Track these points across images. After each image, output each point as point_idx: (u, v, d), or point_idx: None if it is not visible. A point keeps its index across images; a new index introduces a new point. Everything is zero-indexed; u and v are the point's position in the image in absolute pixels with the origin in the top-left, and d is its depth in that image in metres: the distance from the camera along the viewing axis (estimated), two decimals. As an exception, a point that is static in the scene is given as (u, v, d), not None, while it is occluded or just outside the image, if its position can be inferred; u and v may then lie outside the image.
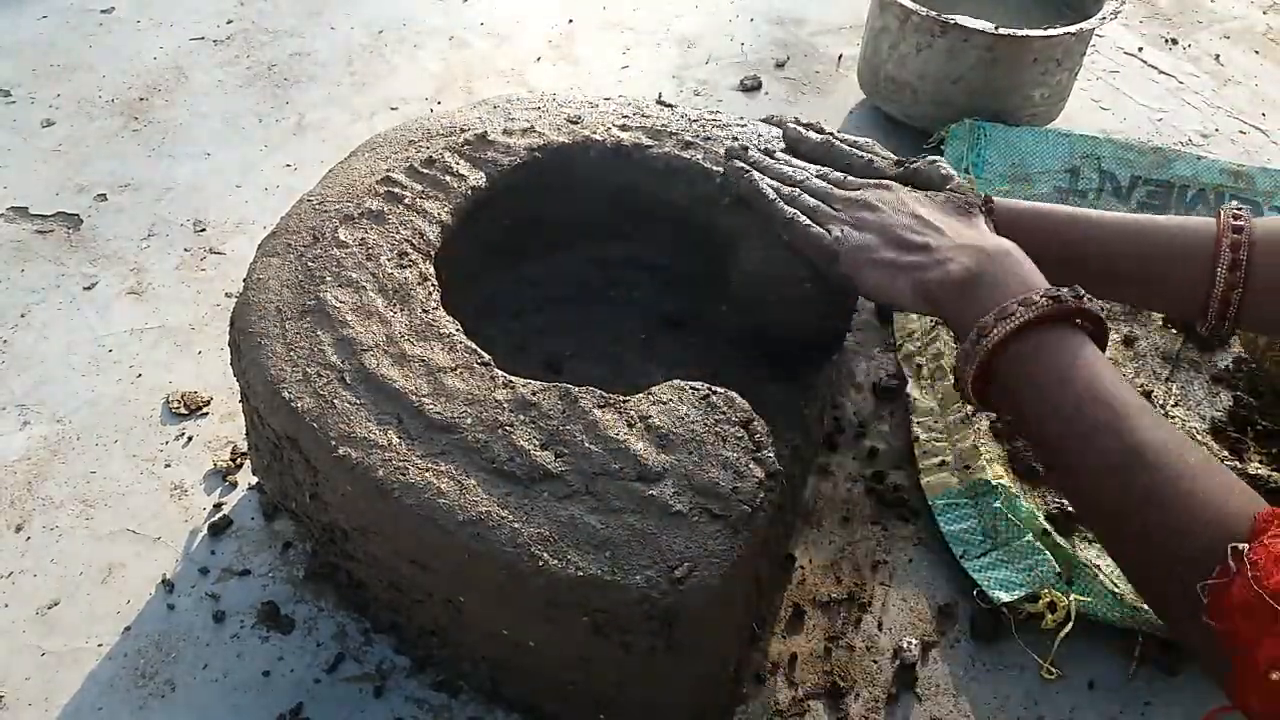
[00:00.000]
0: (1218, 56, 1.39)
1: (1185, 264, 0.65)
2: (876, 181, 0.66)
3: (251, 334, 0.61)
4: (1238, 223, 0.64)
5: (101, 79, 1.20)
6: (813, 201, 0.65)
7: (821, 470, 0.80)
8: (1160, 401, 0.82)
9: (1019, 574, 0.70)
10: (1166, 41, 1.42)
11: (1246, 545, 0.43)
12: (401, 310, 0.62)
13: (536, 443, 0.55)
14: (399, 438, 0.55)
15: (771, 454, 0.56)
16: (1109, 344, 0.87)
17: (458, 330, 0.62)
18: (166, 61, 1.24)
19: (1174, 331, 0.88)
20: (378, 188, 0.70)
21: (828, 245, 0.62)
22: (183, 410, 0.82)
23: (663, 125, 0.78)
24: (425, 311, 0.63)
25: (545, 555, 0.51)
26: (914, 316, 0.91)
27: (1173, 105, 1.29)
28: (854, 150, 0.71)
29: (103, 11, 1.33)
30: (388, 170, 0.72)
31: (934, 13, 1.03)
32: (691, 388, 0.58)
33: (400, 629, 0.66)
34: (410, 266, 0.65)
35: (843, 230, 0.62)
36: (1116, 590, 0.68)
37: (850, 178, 0.67)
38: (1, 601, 0.69)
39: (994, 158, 1.04)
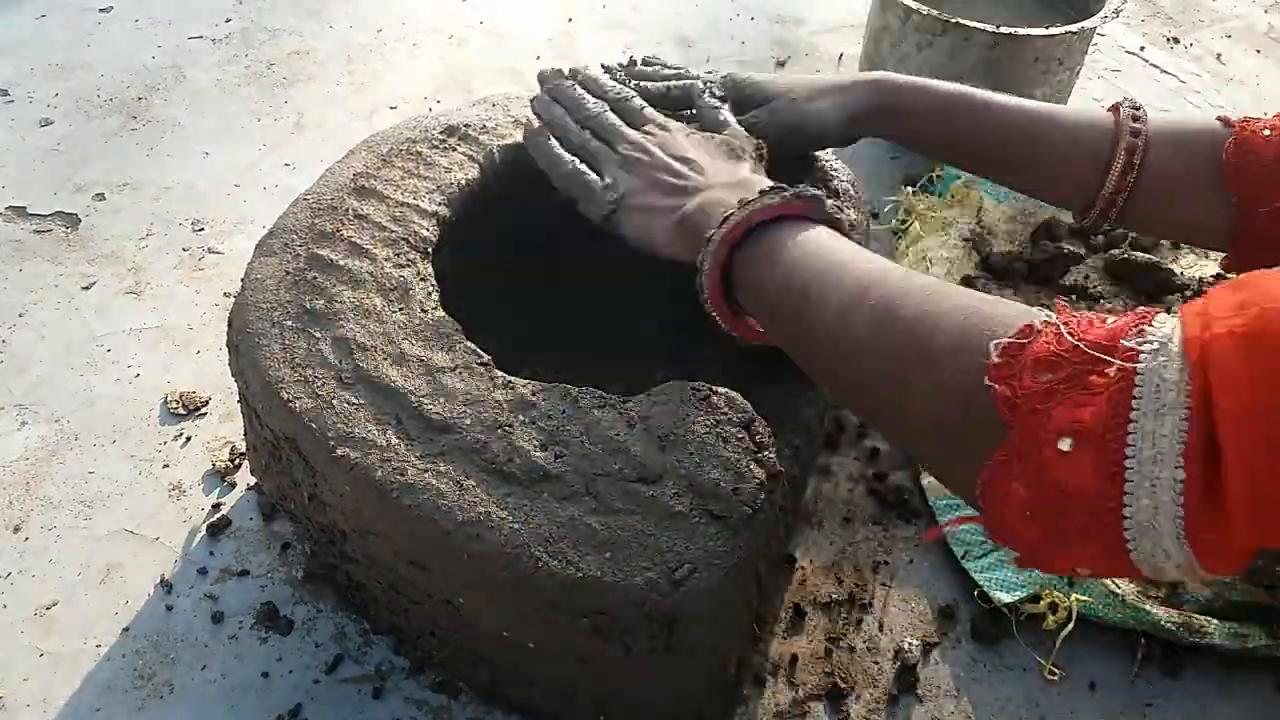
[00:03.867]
0: (1219, 56, 1.39)
1: (1079, 161, 0.64)
2: (661, 121, 0.65)
3: (250, 334, 0.61)
4: (1135, 125, 0.63)
5: (100, 78, 1.20)
6: (595, 145, 0.64)
7: (822, 471, 0.80)
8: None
9: (1020, 574, 0.70)
10: (1168, 40, 1.42)
11: (1051, 315, 0.39)
12: (400, 310, 0.62)
13: (536, 443, 0.55)
14: (398, 438, 0.55)
15: (773, 455, 0.56)
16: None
17: (457, 330, 0.62)
18: (165, 60, 1.24)
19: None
20: (377, 187, 0.70)
21: (599, 194, 0.62)
22: (181, 410, 0.82)
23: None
24: (424, 311, 0.62)
25: (545, 556, 0.50)
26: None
27: (1174, 104, 1.28)
28: (654, 71, 0.73)
29: (101, 10, 1.32)
30: (386, 169, 0.72)
31: (935, 11, 1.03)
32: (692, 388, 0.58)
33: (399, 630, 0.66)
34: (409, 265, 0.65)
35: (614, 177, 0.62)
36: (1117, 591, 0.67)
37: (647, 109, 0.66)
38: (0, 602, 0.69)
39: (995, 157, 1.04)
